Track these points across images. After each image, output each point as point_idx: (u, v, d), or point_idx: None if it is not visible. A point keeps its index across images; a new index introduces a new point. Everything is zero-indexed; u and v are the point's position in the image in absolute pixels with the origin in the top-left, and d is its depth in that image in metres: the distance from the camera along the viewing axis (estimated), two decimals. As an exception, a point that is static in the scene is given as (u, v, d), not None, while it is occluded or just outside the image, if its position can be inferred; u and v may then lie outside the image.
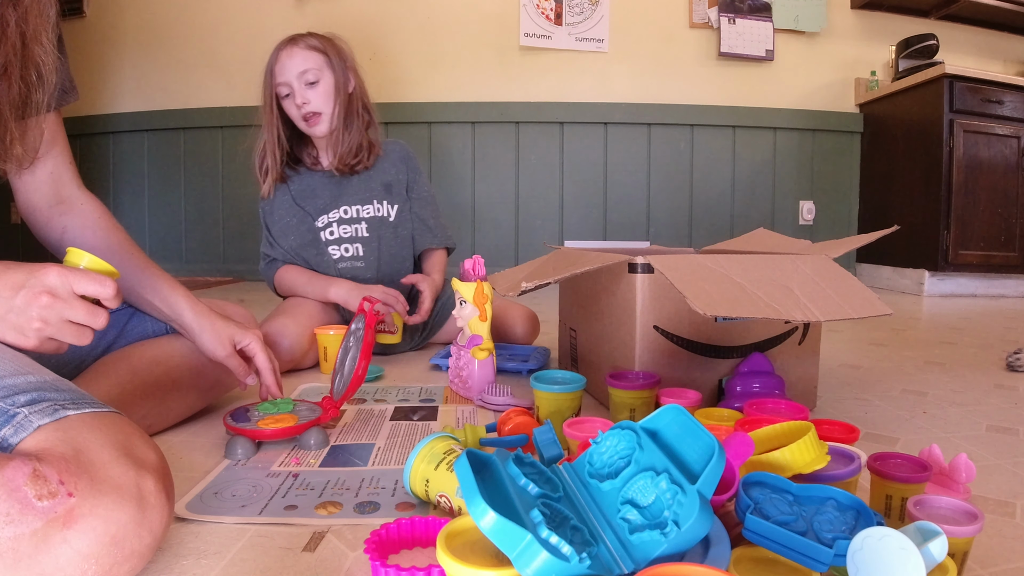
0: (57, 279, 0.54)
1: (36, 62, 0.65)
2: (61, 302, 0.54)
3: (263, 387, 0.90)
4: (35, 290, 0.53)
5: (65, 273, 0.54)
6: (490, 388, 1.00)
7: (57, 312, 0.54)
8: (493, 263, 3.00)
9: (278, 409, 0.83)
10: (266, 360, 0.88)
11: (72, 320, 0.55)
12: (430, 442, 0.63)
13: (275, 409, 0.83)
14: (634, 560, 0.42)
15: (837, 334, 1.73)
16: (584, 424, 0.72)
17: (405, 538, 0.52)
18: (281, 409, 0.83)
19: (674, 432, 0.50)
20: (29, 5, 0.61)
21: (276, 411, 0.82)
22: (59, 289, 0.54)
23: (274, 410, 0.82)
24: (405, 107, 3.04)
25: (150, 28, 3.16)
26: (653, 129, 3.12)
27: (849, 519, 0.45)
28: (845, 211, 3.25)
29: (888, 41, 3.15)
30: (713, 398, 0.96)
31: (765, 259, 0.88)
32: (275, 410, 0.82)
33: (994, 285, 2.80)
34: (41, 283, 0.53)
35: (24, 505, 0.40)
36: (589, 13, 3.03)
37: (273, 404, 0.84)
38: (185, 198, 3.20)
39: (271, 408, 0.83)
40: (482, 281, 1.05)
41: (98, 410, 0.50)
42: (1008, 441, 0.87)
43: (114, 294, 0.56)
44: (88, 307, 0.55)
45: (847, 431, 0.67)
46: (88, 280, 0.55)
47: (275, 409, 0.83)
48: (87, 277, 0.55)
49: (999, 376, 1.26)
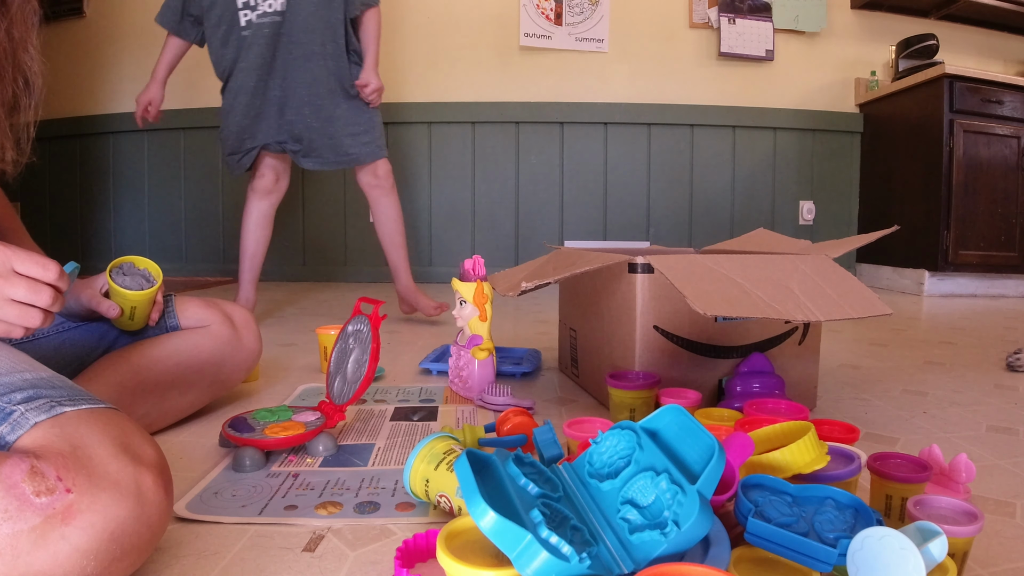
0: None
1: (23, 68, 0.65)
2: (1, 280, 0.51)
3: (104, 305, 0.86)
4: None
5: (4, 251, 0.52)
6: (490, 388, 1.00)
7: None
8: (493, 263, 3.00)
9: (277, 417, 0.81)
10: None
11: (13, 299, 0.52)
12: (430, 442, 0.63)
13: (274, 417, 0.81)
14: (634, 560, 0.42)
15: (837, 334, 1.73)
16: (584, 424, 0.72)
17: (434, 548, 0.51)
18: (280, 417, 0.82)
19: (674, 432, 0.50)
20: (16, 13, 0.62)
21: (276, 419, 0.81)
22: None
23: (273, 418, 0.81)
24: (405, 107, 3.04)
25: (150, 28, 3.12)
26: (653, 129, 3.13)
27: (848, 518, 0.45)
28: (845, 211, 3.25)
29: (888, 41, 3.16)
30: (713, 398, 0.96)
31: (765, 259, 0.88)
32: (274, 418, 0.81)
33: (994, 285, 2.80)
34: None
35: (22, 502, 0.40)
36: (589, 13, 3.03)
37: (271, 412, 0.83)
38: (185, 198, 3.19)
39: (270, 416, 0.82)
40: (482, 281, 1.05)
41: (95, 406, 0.50)
42: (1008, 441, 0.87)
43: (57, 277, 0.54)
44: (29, 283, 0.52)
45: (847, 431, 0.67)
46: (30, 261, 0.53)
47: (274, 417, 0.81)
48: (29, 258, 0.53)
49: (999, 376, 1.26)
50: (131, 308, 0.86)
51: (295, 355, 1.40)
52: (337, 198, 3.14)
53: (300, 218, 3.16)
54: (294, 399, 1.05)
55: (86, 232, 3.28)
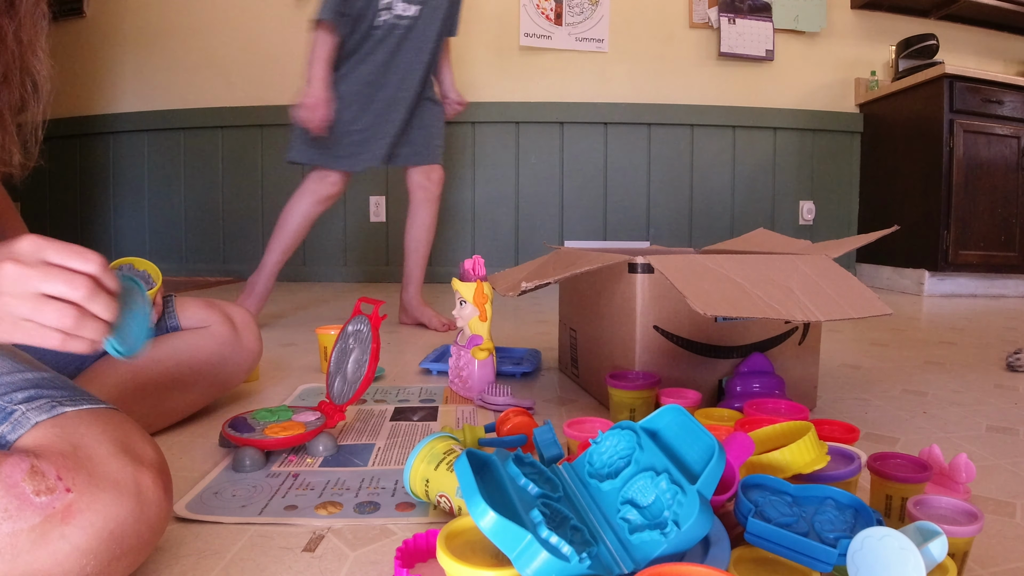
0: (28, 245, 0.45)
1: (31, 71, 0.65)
2: (30, 270, 0.43)
3: None
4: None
5: (38, 240, 0.45)
6: (490, 388, 1.00)
7: (24, 284, 0.43)
8: (493, 263, 3.00)
9: (277, 417, 0.82)
10: None
11: (47, 294, 0.44)
12: (430, 442, 0.63)
13: (274, 417, 0.81)
14: (634, 560, 0.42)
15: (837, 334, 1.73)
16: (584, 424, 0.72)
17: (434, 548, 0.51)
18: (280, 417, 0.82)
19: (674, 432, 0.50)
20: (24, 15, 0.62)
21: (276, 419, 0.80)
22: (27, 255, 0.44)
23: (273, 418, 0.81)
24: (405, 107, 3.03)
25: (150, 28, 3.16)
26: (653, 129, 3.13)
27: (848, 518, 0.45)
28: (845, 211, 3.25)
29: (888, 41, 3.16)
30: (713, 398, 0.96)
31: (765, 259, 0.88)
32: (274, 418, 0.81)
33: (994, 285, 2.80)
34: (6, 252, 0.44)
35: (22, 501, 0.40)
36: (589, 13, 3.03)
37: (271, 412, 0.83)
38: (185, 198, 3.19)
39: (270, 416, 0.82)
40: (482, 281, 1.05)
41: (95, 406, 0.50)
42: (1008, 441, 0.87)
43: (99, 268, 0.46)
44: (66, 275, 0.44)
45: (847, 431, 0.67)
46: (66, 251, 0.45)
47: (274, 417, 0.81)
48: (67, 248, 0.45)
49: (999, 376, 1.26)
50: None
51: (295, 355, 1.40)
52: (337, 198, 3.14)
53: (300, 218, 3.16)
54: (294, 399, 1.05)
55: (86, 232, 3.28)
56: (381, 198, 3.12)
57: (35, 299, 0.43)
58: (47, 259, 0.45)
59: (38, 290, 0.44)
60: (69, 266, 0.45)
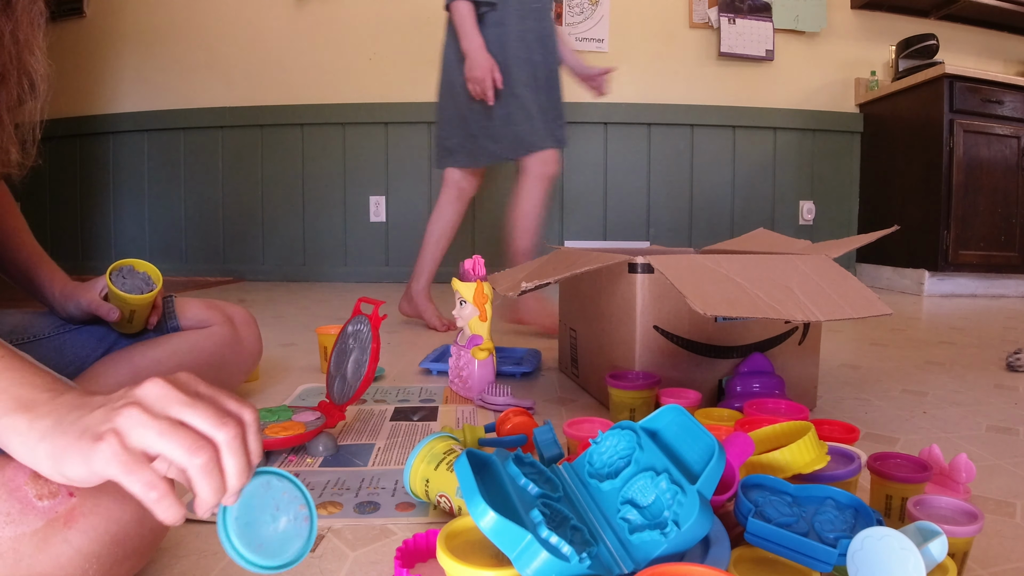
0: (156, 388, 0.37)
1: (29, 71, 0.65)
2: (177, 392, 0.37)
3: None
4: (117, 404, 0.36)
5: (191, 376, 0.39)
6: (490, 388, 1.00)
7: (165, 404, 0.36)
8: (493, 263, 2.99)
9: (277, 417, 0.82)
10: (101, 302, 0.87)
11: (185, 422, 0.36)
12: (430, 442, 0.63)
13: (274, 417, 0.81)
14: (634, 560, 0.42)
15: (837, 334, 1.73)
16: (584, 424, 0.72)
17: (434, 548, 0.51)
18: (281, 417, 0.82)
19: (674, 432, 0.50)
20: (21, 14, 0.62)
21: (276, 419, 0.81)
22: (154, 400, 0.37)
23: (273, 418, 0.81)
24: (405, 107, 3.03)
25: (150, 28, 3.16)
26: (653, 129, 3.13)
27: (848, 518, 0.45)
28: (845, 211, 3.25)
29: (888, 41, 3.16)
30: (713, 398, 0.96)
31: (765, 259, 0.88)
32: (274, 418, 0.81)
33: (994, 285, 2.80)
34: (130, 395, 0.37)
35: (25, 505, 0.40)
36: (589, 13, 3.04)
37: (271, 412, 0.83)
38: (185, 198, 3.20)
39: (270, 416, 0.82)
40: (482, 281, 1.05)
41: None
42: (1008, 441, 0.87)
43: (253, 419, 0.39)
44: (216, 411, 0.37)
45: (847, 431, 0.67)
46: (224, 393, 0.39)
47: (274, 417, 0.81)
48: (223, 391, 0.39)
49: (999, 376, 1.26)
50: (130, 311, 0.86)
51: (295, 355, 1.40)
52: (337, 199, 3.14)
53: (300, 218, 3.16)
54: (294, 399, 1.05)
55: (86, 232, 3.28)
56: (381, 198, 3.12)
57: (171, 426, 0.35)
58: (200, 391, 0.39)
59: (179, 416, 0.36)
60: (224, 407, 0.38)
